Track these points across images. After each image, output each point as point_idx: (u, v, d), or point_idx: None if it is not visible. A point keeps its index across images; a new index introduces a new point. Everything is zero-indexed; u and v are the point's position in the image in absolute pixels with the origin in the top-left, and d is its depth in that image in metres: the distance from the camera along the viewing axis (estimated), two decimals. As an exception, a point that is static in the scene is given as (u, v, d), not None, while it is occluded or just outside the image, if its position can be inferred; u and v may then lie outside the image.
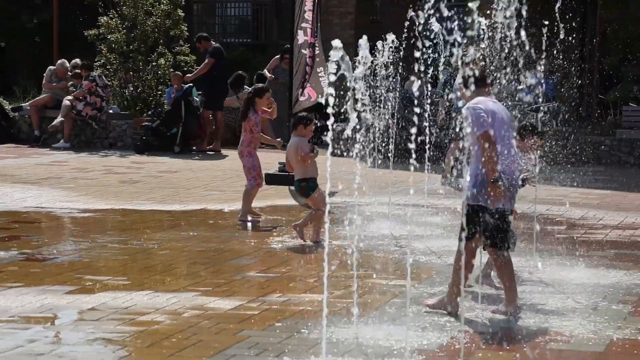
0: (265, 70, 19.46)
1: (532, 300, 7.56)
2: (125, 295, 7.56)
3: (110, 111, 19.43)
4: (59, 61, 20.69)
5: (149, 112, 18.84)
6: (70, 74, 20.12)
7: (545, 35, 9.41)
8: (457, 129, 12.45)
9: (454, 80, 16.74)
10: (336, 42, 5.78)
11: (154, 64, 19.31)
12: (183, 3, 19.94)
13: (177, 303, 7.36)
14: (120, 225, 11.28)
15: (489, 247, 7.06)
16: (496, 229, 6.94)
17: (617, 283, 8.23)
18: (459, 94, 7.67)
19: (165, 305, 7.28)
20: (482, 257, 7.49)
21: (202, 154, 18.04)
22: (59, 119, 18.95)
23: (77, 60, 20.35)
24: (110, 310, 7.12)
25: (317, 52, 14.19)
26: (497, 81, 13.28)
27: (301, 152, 9.93)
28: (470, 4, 5.28)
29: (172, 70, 19.24)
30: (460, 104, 13.41)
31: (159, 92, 19.52)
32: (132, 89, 19.51)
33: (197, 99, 18.60)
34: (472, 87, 6.84)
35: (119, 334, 6.57)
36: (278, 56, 19.49)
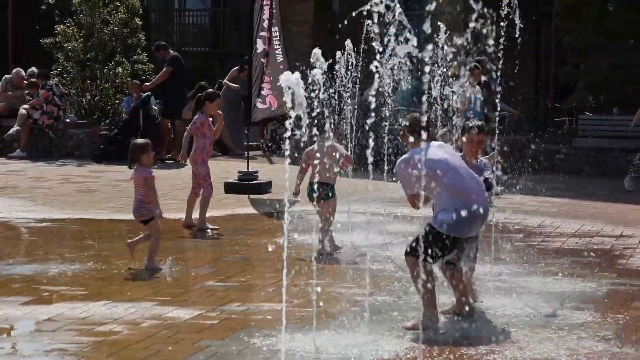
0: (227, 81, 19.39)
1: (490, 307, 7.60)
2: (82, 306, 7.50)
3: (68, 120, 19.27)
4: (15, 70, 20.50)
5: (107, 121, 18.73)
6: (26, 82, 19.95)
7: (500, 45, 9.49)
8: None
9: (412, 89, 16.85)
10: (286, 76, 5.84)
11: (111, 72, 19.20)
12: (141, 11, 19.86)
13: (136, 313, 7.31)
14: (77, 234, 11.19)
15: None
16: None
17: (574, 290, 8.31)
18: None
19: (124, 315, 7.23)
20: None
21: (161, 162, 17.94)
22: (15, 127, 18.78)
23: (34, 69, 20.18)
24: (68, 321, 7.06)
25: (279, 59, 14.21)
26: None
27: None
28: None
29: (130, 78, 19.14)
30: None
31: (117, 101, 19.42)
32: (89, 97, 19.38)
33: (156, 108, 18.53)
34: (412, 137, 6.99)
35: (76, 344, 6.51)
36: (237, 68, 19.49)
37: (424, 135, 6.85)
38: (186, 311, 7.39)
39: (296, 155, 12.79)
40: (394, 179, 7.25)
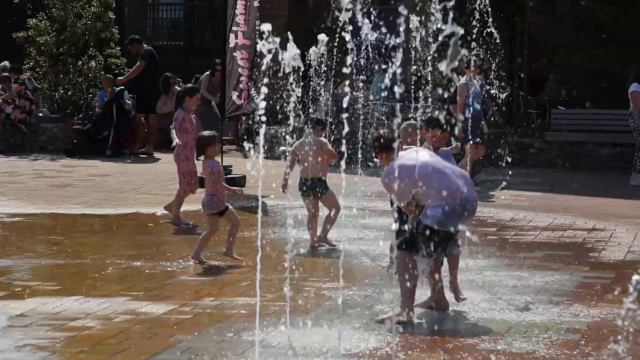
0: (205, 91, 19.18)
1: (464, 301, 7.62)
2: (55, 301, 7.46)
3: (40, 114, 19.16)
4: (-14, 64, 20.34)
5: (80, 116, 18.64)
6: (-2, 77, 19.80)
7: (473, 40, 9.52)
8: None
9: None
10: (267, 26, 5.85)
11: (85, 66, 19.10)
12: (114, 5, 19.76)
13: (109, 308, 7.28)
14: (50, 229, 11.13)
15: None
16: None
17: (547, 283, 8.36)
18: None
19: (97, 311, 7.20)
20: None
21: (134, 157, 17.90)
22: (-13, 122, 18.66)
23: (6, 63, 20.04)
24: (40, 316, 7.02)
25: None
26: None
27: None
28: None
29: (103, 73, 19.04)
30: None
31: (90, 95, 19.32)
32: (62, 91, 19.27)
33: (129, 102, 18.44)
34: (385, 153, 7.07)
35: (49, 339, 6.48)
36: (208, 72, 19.36)
37: (394, 145, 7.01)
38: (160, 306, 7.37)
39: (275, 148, 12.78)
40: (380, 180, 7.25)
